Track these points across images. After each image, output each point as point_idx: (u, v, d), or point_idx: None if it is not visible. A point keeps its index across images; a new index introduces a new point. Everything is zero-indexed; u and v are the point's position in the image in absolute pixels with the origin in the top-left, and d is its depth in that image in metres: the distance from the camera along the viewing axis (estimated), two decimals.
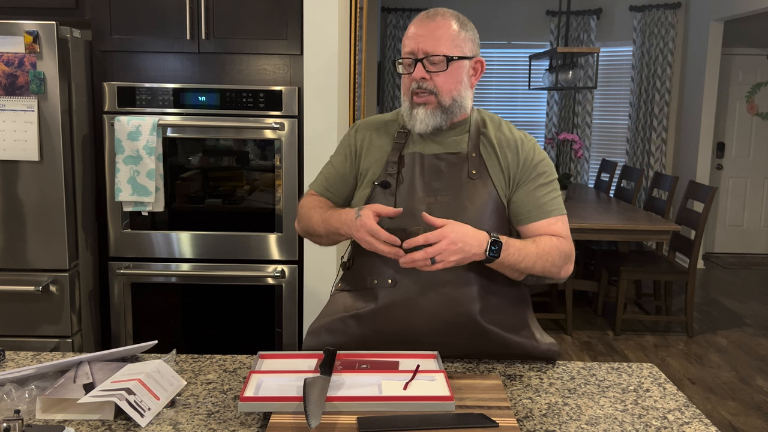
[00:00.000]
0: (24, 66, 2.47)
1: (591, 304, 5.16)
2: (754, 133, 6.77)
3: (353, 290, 1.66)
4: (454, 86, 1.56)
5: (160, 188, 2.69)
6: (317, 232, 1.63)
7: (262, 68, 2.74)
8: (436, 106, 1.56)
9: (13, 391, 1.32)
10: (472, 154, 1.58)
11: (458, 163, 1.58)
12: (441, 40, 1.53)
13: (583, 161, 7.00)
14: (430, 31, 1.53)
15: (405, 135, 1.63)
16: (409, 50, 1.55)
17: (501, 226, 1.57)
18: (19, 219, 2.56)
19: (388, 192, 1.57)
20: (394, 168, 1.59)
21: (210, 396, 1.38)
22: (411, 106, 1.58)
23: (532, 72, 6.46)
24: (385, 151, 1.63)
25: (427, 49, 1.53)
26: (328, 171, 1.73)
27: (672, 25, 6.48)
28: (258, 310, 2.79)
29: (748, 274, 6.27)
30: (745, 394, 3.67)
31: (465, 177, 1.56)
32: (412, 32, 1.55)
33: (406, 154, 1.60)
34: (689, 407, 1.37)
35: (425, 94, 1.55)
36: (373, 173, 1.62)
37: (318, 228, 1.62)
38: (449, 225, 1.41)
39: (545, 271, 1.53)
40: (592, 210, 4.69)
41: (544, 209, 1.57)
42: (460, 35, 1.55)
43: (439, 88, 1.54)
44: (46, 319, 2.61)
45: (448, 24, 1.55)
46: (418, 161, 1.59)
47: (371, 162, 1.65)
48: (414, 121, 1.57)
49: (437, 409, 1.27)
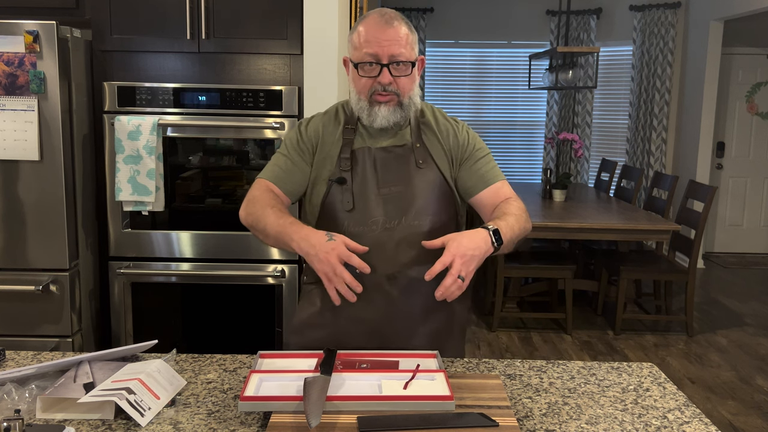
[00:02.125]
0: (24, 66, 2.47)
1: (591, 304, 5.16)
2: (754, 133, 6.77)
3: (320, 282, 1.67)
4: (412, 86, 1.65)
5: (160, 188, 2.69)
6: (266, 233, 1.59)
7: (262, 68, 2.74)
8: (397, 104, 1.63)
9: (14, 391, 1.32)
10: (417, 145, 1.68)
11: (405, 154, 1.67)
12: (402, 45, 1.59)
13: (583, 161, 7.00)
14: (391, 37, 1.58)
15: (352, 131, 1.68)
16: (371, 53, 1.59)
17: (448, 208, 1.69)
18: (19, 219, 2.56)
19: (345, 188, 1.63)
20: (348, 164, 1.65)
21: (210, 395, 1.38)
22: (370, 104, 1.63)
23: (532, 72, 6.47)
24: (335, 145, 1.68)
25: (392, 54, 1.59)
26: (282, 162, 1.70)
27: (672, 25, 6.48)
28: (258, 310, 2.80)
29: (748, 273, 6.27)
30: (745, 394, 3.67)
31: (413, 167, 1.66)
32: (374, 37, 1.58)
33: (356, 150, 1.67)
34: (689, 407, 1.37)
35: (388, 94, 1.62)
36: (328, 170, 1.66)
37: (270, 230, 1.57)
38: (450, 243, 1.47)
39: (522, 231, 1.63)
40: (592, 210, 4.69)
41: (487, 178, 1.71)
42: (411, 38, 1.64)
43: (402, 89, 1.62)
44: (46, 319, 2.61)
45: (403, 28, 1.61)
46: (368, 155, 1.66)
47: (323, 157, 1.68)
48: (374, 117, 1.63)
49: (437, 409, 1.27)
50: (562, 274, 4.49)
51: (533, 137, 7.17)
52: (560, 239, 4.98)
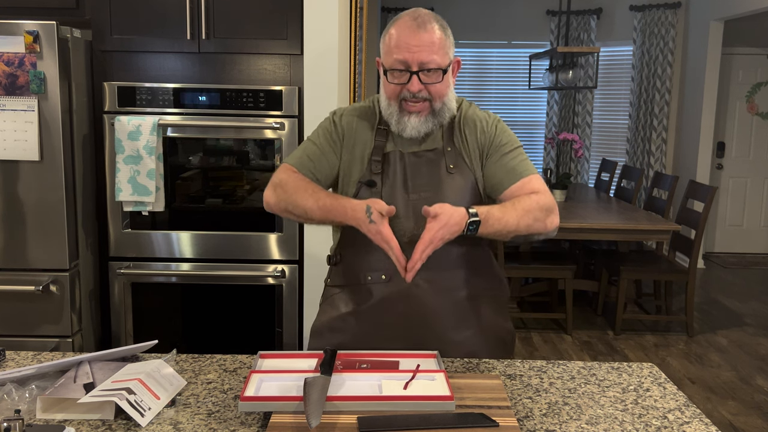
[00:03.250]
0: (24, 66, 2.47)
1: (591, 304, 5.16)
2: (754, 133, 6.77)
3: (346, 286, 1.68)
4: (446, 91, 1.59)
5: (160, 188, 2.69)
6: (309, 215, 1.57)
7: (263, 68, 2.74)
8: (429, 112, 1.58)
9: (14, 391, 1.32)
10: (447, 149, 1.63)
11: (436, 159, 1.62)
12: (434, 50, 1.52)
13: (583, 161, 7.00)
14: (422, 42, 1.51)
15: (385, 133, 1.64)
16: (401, 59, 1.53)
17: None
18: (19, 219, 2.56)
19: (374, 191, 1.60)
20: (378, 167, 1.61)
21: (210, 396, 1.38)
22: (400, 112, 1.58)
23: (532, 72, 6.46)
24: (367, 145, 1.64)
25: (422, 61, 1.52)
26: (310, 149, 1.67)
27: (672, 25, 6.48)
28: (258, 310, 2.80)
29: (748, 273, 6.27)
30: (745, 394, 3.67)
31: (444, 172, 1.61)
32: (404, 42, 1.52)
33: (387, 153, 1.63)
34: (689, 407, 1.37)
35: (419, 102, 1.56)
36: (358, 170, 1.63)
37: (311, 212, 1.56)
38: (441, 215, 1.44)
39: (530, 228, 1.56)
40: (592, 210, 4.69)
41: (515, 173, 1.62)
42: (446, 42, 1.56)
43: (434, 95, 1.57)
44: (46, 319, 2.61)
45: (435, 32, 1.53)
46: (399, 159, 1.62)
47: (354, 157, 1.65)
48: (403, 127, 1.58)
49: (437, 409, 1.27)
50: (563, 274, 4.49)
51: (533, 137, 7.17)
52: (560, 239, 4.98)
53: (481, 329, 1.68)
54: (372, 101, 1.70)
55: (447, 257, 1.61)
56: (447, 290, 1.63)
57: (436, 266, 1.55)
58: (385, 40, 1.57)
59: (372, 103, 1.70)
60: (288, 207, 1.60)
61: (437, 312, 1.62)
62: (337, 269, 1.72)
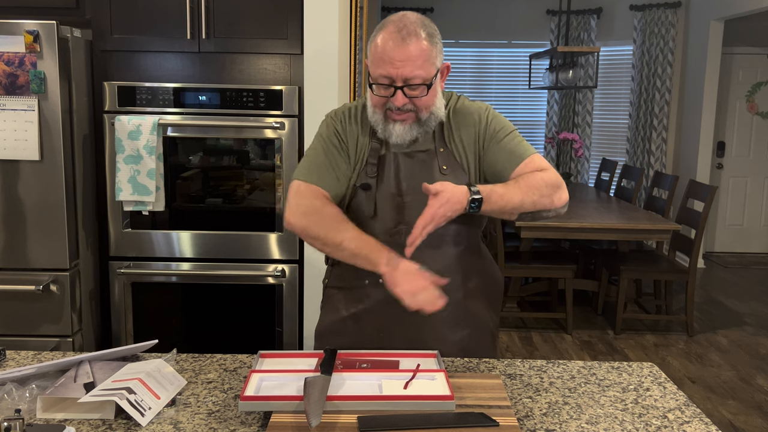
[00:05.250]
0: (24, 65, 2.47)
1: (591, 304, 5.16)
2: (755, 133, 6.77)
3: (344, 288, 1.68)
4: (432, 101, 1.56)
5: (160, 188, 2.69)
6: (341, 248, 1.51)
7: (263, 68, 2.74)
8: (414, 121, 1.56)
9: (14, 391, 1.32)
10: (440, 149, 1.61)
11: (428, 160, 1.61)
12: (418, 65, 1.48)
13: (584, 160, 7.00)
14: (407, 56, 1.47)
15: (380, 139, 1.61)
16: (385, 74, 1.49)
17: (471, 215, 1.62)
18: (19, 218, 2.56)
19: (368, 194, 1.61)
20: (374, 170, 1.61)
21: (210, 395, 1.38)
22: (385, 121, 1.56)
23: (532, 71, 6.46)
24: (363, 149, 1.63)
25: (407, 77, 1.49)
26: (321, 161, 1.62)
27: (672, 25, 6.48)
28: (258, 310, 2.80)
29: (748, 273, 6.27)
30: (745, 394, 3.67)
31: (437, 173, 1.60)
32: (388, 57, 1.47)
33: (383, 155, 1.62)
34: (689, 406, 1.37)
35: (404, 113, 1.54)
36: (355, 175, 1.63)
37: (347, 246, 1.50)
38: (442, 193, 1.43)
39: (536, 204, 1.54)
40: (592, 209, 4.69)
41: (515, 155, 1.60)
42: (432, 52, 1.51)
43: (419, 107, 1.54)
44: (46, 319, 2.61)
45: (420, 43, 1.48)
46: (393, 161, 1.61)
47: (353, 161, 1.63)
48: (389, 134, 1.57)
49: (438, 408, 1.27)
50: (563, 274, 4.49)
51: (533, 137, 7.16)
52: (560, 239, 4.98)
53: (476, 327, 1.71)
54: (358, 107, 1.68)
55: (445, 258, 1.63)
56: (445, 291, 1.62)
57: (434, 268, 1.55)
58: (371, 48, 1.54)
59: (361, 109, 1.68)
60: (319, 236, 1.54)
61: (436, 313, 1.62)
62: (335, 270, 1.73)
